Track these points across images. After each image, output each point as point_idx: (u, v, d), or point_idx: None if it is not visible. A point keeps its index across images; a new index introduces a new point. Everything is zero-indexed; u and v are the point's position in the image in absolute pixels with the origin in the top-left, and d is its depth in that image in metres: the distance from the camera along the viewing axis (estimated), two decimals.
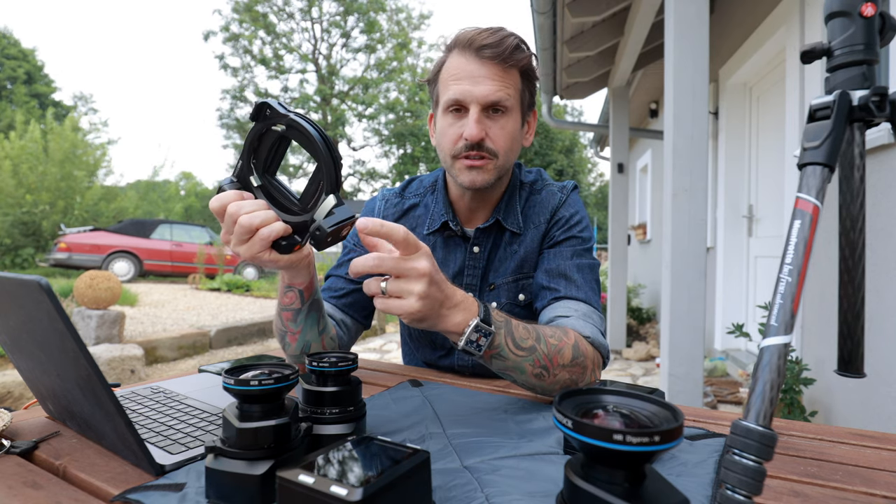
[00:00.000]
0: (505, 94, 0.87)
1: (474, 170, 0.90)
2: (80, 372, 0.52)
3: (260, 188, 0.66)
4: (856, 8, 0.48)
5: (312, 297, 0.80)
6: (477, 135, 0.87)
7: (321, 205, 0.61)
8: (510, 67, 0.88)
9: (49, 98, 25.36)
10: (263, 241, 0.63)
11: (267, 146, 0.64)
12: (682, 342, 1.97)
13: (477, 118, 0.87)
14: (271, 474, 0.46)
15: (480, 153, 0.89)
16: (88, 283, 4.08)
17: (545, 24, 3.65)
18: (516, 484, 0.52)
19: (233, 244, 0.65)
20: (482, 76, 0.87)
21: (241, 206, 0.63)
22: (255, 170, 0.65)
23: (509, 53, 0.86)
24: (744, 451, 0.38)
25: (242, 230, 0.62)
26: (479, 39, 0.86)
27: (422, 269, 0.60)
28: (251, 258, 0.65)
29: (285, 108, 0.62)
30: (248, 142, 0.64)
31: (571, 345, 0.75)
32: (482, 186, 0.91)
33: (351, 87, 21.75)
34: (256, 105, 0.62)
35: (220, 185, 0.66)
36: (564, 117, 24.18)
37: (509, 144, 0.91)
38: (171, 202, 21.40)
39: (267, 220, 0.63)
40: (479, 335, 0.65)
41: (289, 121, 0.60)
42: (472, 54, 0.87)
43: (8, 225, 11.73)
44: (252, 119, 0.63)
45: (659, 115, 6.09)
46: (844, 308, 0.53)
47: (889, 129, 1.80)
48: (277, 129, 0.62)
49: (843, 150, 0.51)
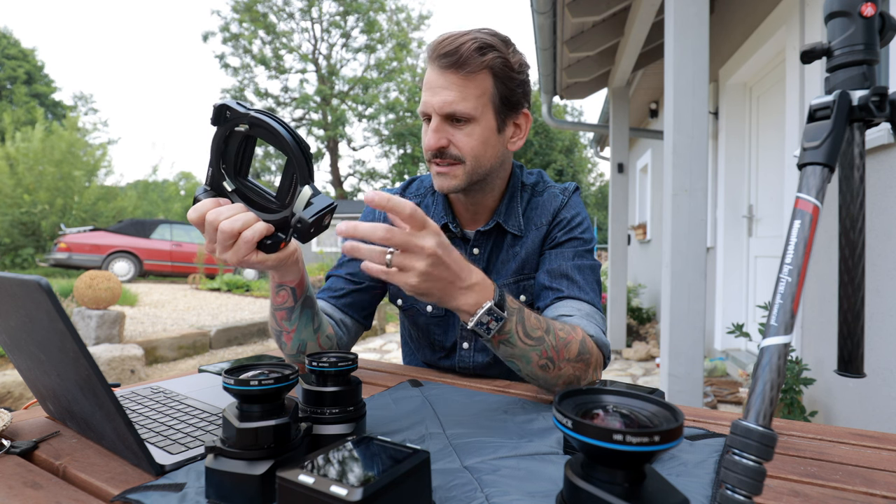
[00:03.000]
0: (461, 105, 0.85)
1: (441, 176, 0.90)
2: (80, 372, 0.52)
3: (235, 192, 0.65)
4: (856, 8, 0.48)
5: (305, 294, 0.80)
6: (433, 144, 0.87)
7: (298, 197, 0.61)
8: (471, 73, 0.85)
9: (49, 98, 25.35)
10: (248, 244, 0.63)
11: (234, 148, 0.64)
12: (682, 342, 1.97)
13: (435, 127, 0.87)
14: (271, 474, 0.46)
15: (446, 160, 0.89)
16: (88, 283, 4.08)
17: (545, 24, 3.65)
18: (516, 484, 0.52)
19: (218, 252, 0.64)
20: (439, 87, 0.86)
21: (219, 213, 0.63)
22: (226, 174, 0.65)
23: (465, 60, 0.84)
24: (744, 451, 0.38)
25: (225, 236, 0.62)
26: (439, 48, 0.85)
27: (427, 246, 0.60)
28: (239, 263, 0.65)
29: (245, 107, 0.61)
30: (215, 147, 0.63)
31: (579, 340, 0.75)
32: (450, 191, 0.91)
33: (351, 87, 21.75)
34: (215, 108, 0.61)
35: (195, 195, 0.66)
36: (564, 117, 24.18)
37: (479, 150, 0.89)
38: (170, 202, 21.37)
39: (248, 223, 0.63)
40: (490, 318, 0.66)
41: (250, 119, 0.60)
42: (433, 63, 0.87)
43: (7, 225, 11.74)
44: (213, 123, 0.62)
45: (659, 115, 6.08)
46: (844, 308, 0.53)
47: (889, 129, 1.80)
48: (241, 130, 0.61)
49: (843, 150, 0.51)
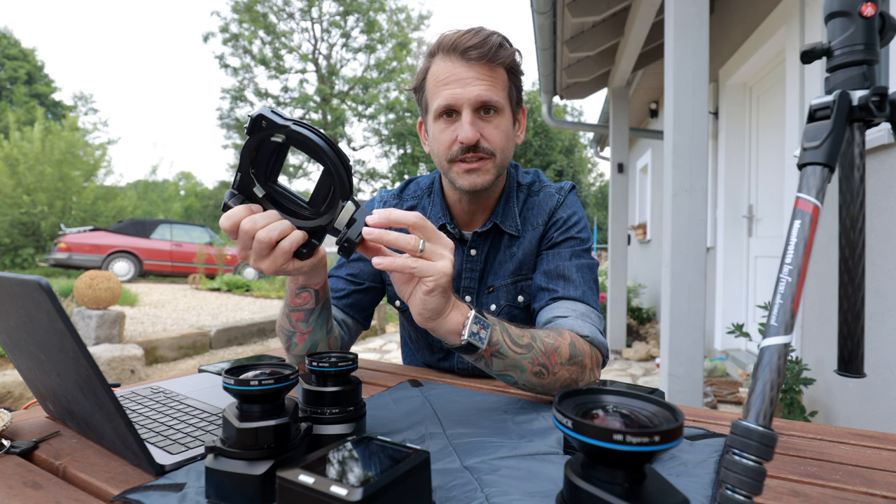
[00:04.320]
0: (495, 94, 0.87)
1: (473, 172, 0.89)
2: (80, 372, 0.52)
3: (265, 198, 0.63)
4: (856, 8, 0.48)
5: (326, 296, 0.80)
6: (472, 137, 0.86)
7: (341, 213, 0.60)
8: (497, 66, 0.88)
9: (49, 98, 25.35)
10: (286, 254, 0.62)
11: (266, 154, 0.62)
12: (682, 342, 1.97)
13: (470, 120, 0.87)
14: (271, 474, 0.46)
15: (478, 154, 0.88)
16: (88, 283, 4.08)
17: (545, 24, 3.65)
18: (516, 484, 0.52)
19: (253, 260, 0.63)
20: (471, 78, 0.86)
21: (255, 221, 0.60)
22: (256, 179, 0.63)
23: (494, 52, 0.86)
24: (744, 451, 0.38)
25: (262, 246, 0.60)
26: (464, 41, 0.86)
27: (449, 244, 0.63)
28: (275, 271, 0.63)
29: (282, 118, 0.59)
30: (246, 152, 0.61)
31: (568, 343, 0.75)
32: (483, 188, 0.91)
33: (351, 86, 21.73)
34: (252, 119, 0.60)
35: (224, 201, 0.63)
36: (564, 117, 24.16)
37: (505, 143, 0.91)
38: (170, 202, 21.39)
39: (285, 232, 0.61)
40: (479, 327, 0.66)
41: (288, 131, 0.59)
42: (457, 57, 0.86)
43: (7, 225, 11.73)
44: (248, 133, 0.60)
45: (659, 115, 6.08)
46: (844, 308, 0.53)
47: (889, 129, 1.80)
48: (277, 140, 0.60)
49: (843, 150, 0.51)
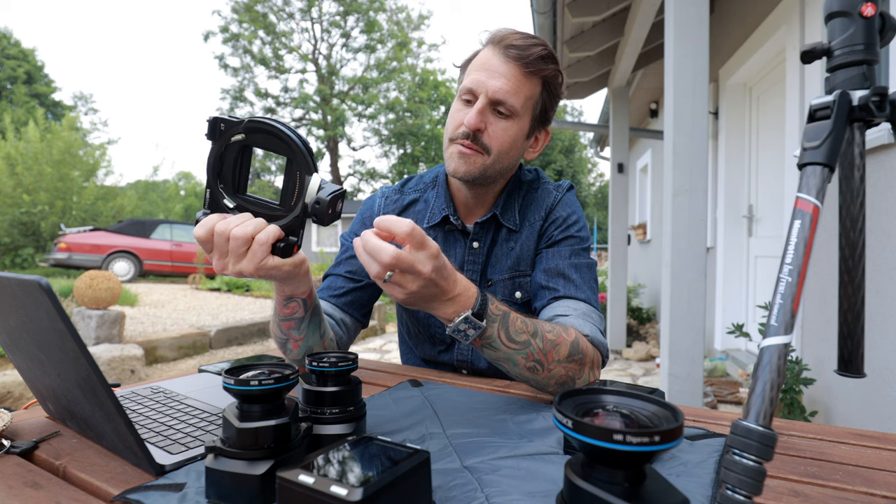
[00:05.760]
0: (513, 97, 0.87)
1: (461, 158, 0.90)
2: (80, 372, 0.52)
3: (237, 209, 0.65)
4: (856, 8, 0.48)
5: (314, 303, 0.80)
6: (475, 124, 0.87)
7: (308, 187, 0.61)
8: (531, 74, 0.88)
9: (49, 98, 25.35)
10: (263, 247, 0.62)
11: (230, 163, 0.64)
12: (682, 342, 1.97)
13: (481, 109, 0.87)
14: (271, 474, 0.46)
15: (473, 144, 0.89)
16: (88, 283, 4.08)
17: (545, 24, 3.65)
18: (516, 484, 0.52)
19: (231, 264, 0.63)
20: (499, 73, 0.87)
21: (228, 223, 0.62)
22: (225, 193, 0.65)
23: (533, 60, 0.87)
24: (744, 451, 0.38)
25: (238, 242, 0.62)
26: (510, 39, 0.88)
27: (425, 272, 0.62)
28: (256, 270, 0.64)
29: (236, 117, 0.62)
30: (211, 167, 0.63)
31: (570, 342, 0.75)
32: (464, 178, 0.91)
33: (351, 86, 21.73)
34: (210, 122, 0.62)
35: (196, 218, 0.65)
36: (564, 117, 24.16)
37: (506, 147, 0.91)
38: (170, 202, 21.39)
39: (260, 226, 0.63)
40: (467, 326, 0.67)
41: (246, 125, 0.60)
42: (499, 50, 0.88)
43: (7, 224, 11.73)
44: (209, 137, 0.62)
45: (659, 115, 6.08)
46: (844, 308, 0.53)
47: (889, 129, 1.80)
48: (238, 139, 0.61)
49: (843, 150, 0.51)
